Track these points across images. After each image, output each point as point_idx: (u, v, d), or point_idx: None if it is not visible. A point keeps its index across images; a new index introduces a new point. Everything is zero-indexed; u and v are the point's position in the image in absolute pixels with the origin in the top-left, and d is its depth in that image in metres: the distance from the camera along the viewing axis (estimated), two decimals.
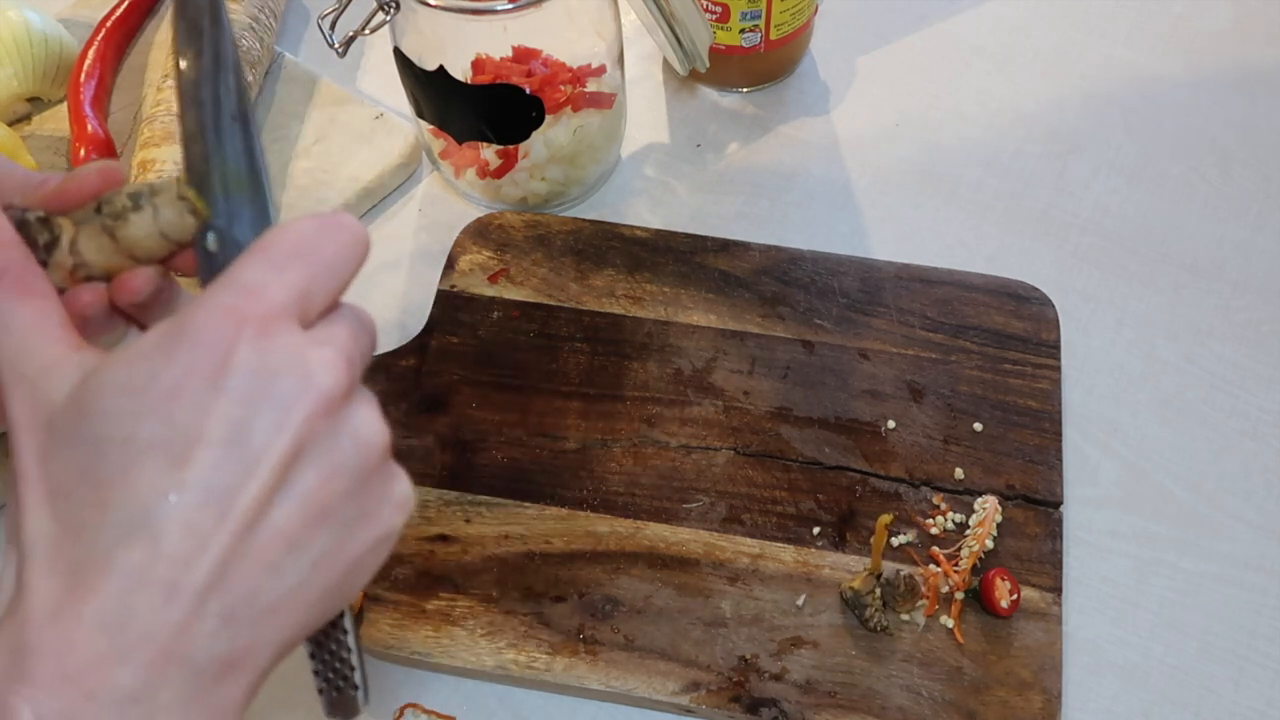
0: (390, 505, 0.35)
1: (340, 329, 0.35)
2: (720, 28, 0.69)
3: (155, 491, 0.31)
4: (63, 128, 0.70)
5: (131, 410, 0.31)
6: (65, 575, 0.31)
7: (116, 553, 0.30)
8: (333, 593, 0.34)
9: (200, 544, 0.31)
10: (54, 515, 0.32)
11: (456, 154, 0.68)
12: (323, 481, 0.33)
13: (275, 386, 0.32)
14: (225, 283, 0.33)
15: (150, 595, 0.30)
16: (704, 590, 0.55)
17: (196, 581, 0.31)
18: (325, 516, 0.33)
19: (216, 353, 0.32)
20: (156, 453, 0.31)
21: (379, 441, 0.34)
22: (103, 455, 0.31)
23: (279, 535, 0.32)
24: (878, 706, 0.52)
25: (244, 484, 0.31)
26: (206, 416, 0.31)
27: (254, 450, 0.31)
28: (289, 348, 0.32)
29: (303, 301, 0.34)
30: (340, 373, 0.33)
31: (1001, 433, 0.59)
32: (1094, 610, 0.56)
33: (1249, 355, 0.64)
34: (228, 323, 0.32)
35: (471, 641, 0.54)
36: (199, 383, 0.31)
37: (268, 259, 0.33)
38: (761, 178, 0.71)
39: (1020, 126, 0.73)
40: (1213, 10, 0.78)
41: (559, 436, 0.59)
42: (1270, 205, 0.70)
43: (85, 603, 0.30)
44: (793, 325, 0.63)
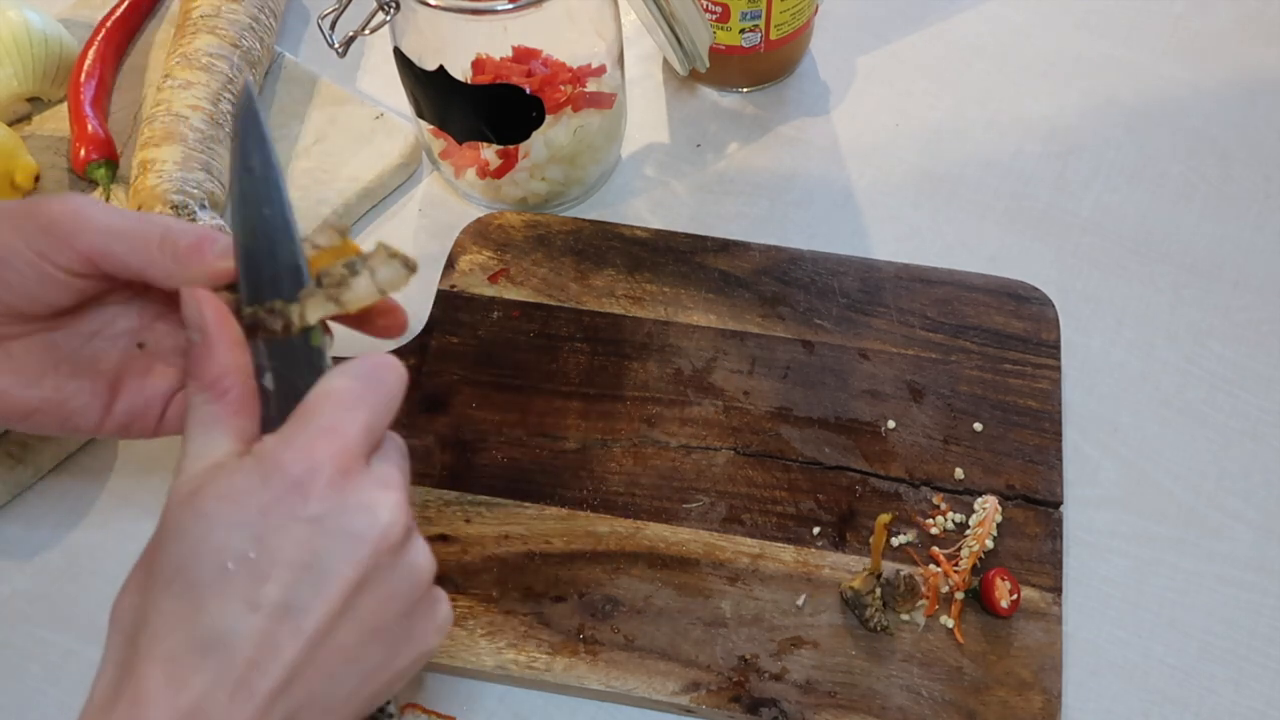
0: (434, 627, 0.40)
1: (393, 466, 0.39)
2: (720, 28, 0.69)
3: (241, 604, 0.35)
4: (63, 128, 0.70)
5: (228, 520, 0.36)
6: (164, 665, 0.35)
7: (205, 654, 0.35)
8: (375, 696, 0.39)
9: (274, 654, 0.35)
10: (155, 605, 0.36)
11: (456, 154, 0.68)
12: (380, 606, 0.37)
13: (350, 523, 0.37)
14: (307, 422, 0.38)
15: (228, 694, 0.35)
16: (704, 590, 0.55)
17: (267, 686, 0.35)
18: (378, 635, 0.38)
19: (304, 486, 0.36)
20: (244, 567, 0.35)
21: (429, 571, 0.40)
22: (198, 557, 0.36)
23: (340, 651, 0.37)
24: (878, 706, 0.52)
25: (315, 605, 0.36)
26: (289, 542, 0.36)
27: (327, 576, 0.36)
28: (360, 488, 0.37)
29: (370, 440, 0.38)
30: (402, 514, 0.38)
31: (1001, 433, 0.59)
32: (1094, 610, 0.56)
33: (1249, 355, 0.64)
34: (313, 460, 0.37)
35: (471, 641, 0.54)
36: (287, 511, 0.36)
37: (340, 402, 0.38)
38: (761, 178, 0.71)
39: (1020, 126, 0.73)
40: (1213, 10, 0.78)
41: (559, 436, 0.59)
42: (1270, 205, 0.70)
43: (177, 694, 0.34)
44: (793, 325, 0.63)
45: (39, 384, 0.45)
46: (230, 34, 0.69)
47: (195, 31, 0.69)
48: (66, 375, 0.45)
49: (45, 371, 0.45)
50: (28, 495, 0.60)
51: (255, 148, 0.41)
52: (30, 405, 0.45)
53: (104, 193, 0.67)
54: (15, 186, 0.66)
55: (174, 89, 0.67)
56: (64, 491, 0.60)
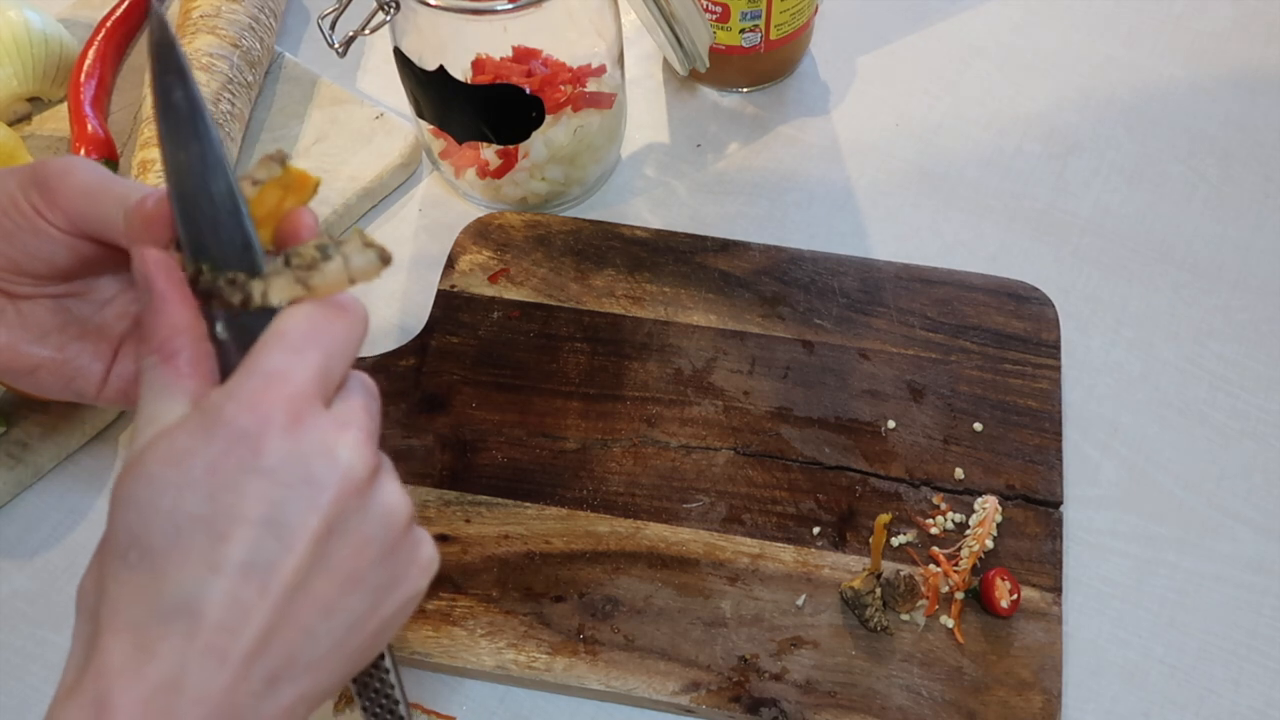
0: (416, 568, 0.38)
1: (355, 405, 0.37)
2: (720, 28, 0.69)
3: (201, 567, 0.34)
4: (63, 128, 0.70)
5: (176, 482, 0.34)
6: (129, 635, 0.34)
7: (172, 621, 0.33)
8: (365, 648, 0.37)
9: (244, 615, 0.34)
10: (113, 576, 0.34)
11: (456, 154, 0.68)
12: (353, 553, 0.36)
13: (307, 469, 0.35)
14: (251, 370, 0.36)
15: (202, 660, 0.33)
16: (704, 590, 0.55)
17: (242, 648, 0.34)
18: (356, 584, 0.36)
19: (250, 437, 0.34)
20: (199, 529, 0.34)
21: (403, 511, 0.37)
22: (150, 524, 0.34)
23: (315, 604, 0.35)
24: (878, 706, 0.52)
25: (282, 560, 0.34)
26: (244, 497, 0.34)
27: (290, 529, 0.34)
28: (317, 431, 0.35)
29: (324, 382, 0.36)
30: (366, 452, 0.36)
31: (1001, 433, 0.59)
32: (1094, 610, 0.56)
33: (1249, 355, 0.64)
34: (258, 408, 0.35)
35: (471, 641, 0.54)
36: (235, 464, 0.34)
37: (285, 345, 0.36)
38: (761, 178, 0.71)
39: (1020, 126, 0.73)
40: (1213, 10, 0.78)
41: (559, 436, 0.59)
42: (1270, 205, 0.70)
43: (147, 664, 0.33)
44: (793, 325, 0.63)
45: (44, 341, 0.45)
46: (230, 34, 0.69)
47: (195, 31, 0.69)
48: (72, 336, 0.46)
49: (51, 330, 0.46)
50: (28, 495, 0.60)
51: (175, 82, 0.38)
52: (34, 361, 0.46)
53: None
54: None
55: None
56: (64, 491, 0.60)
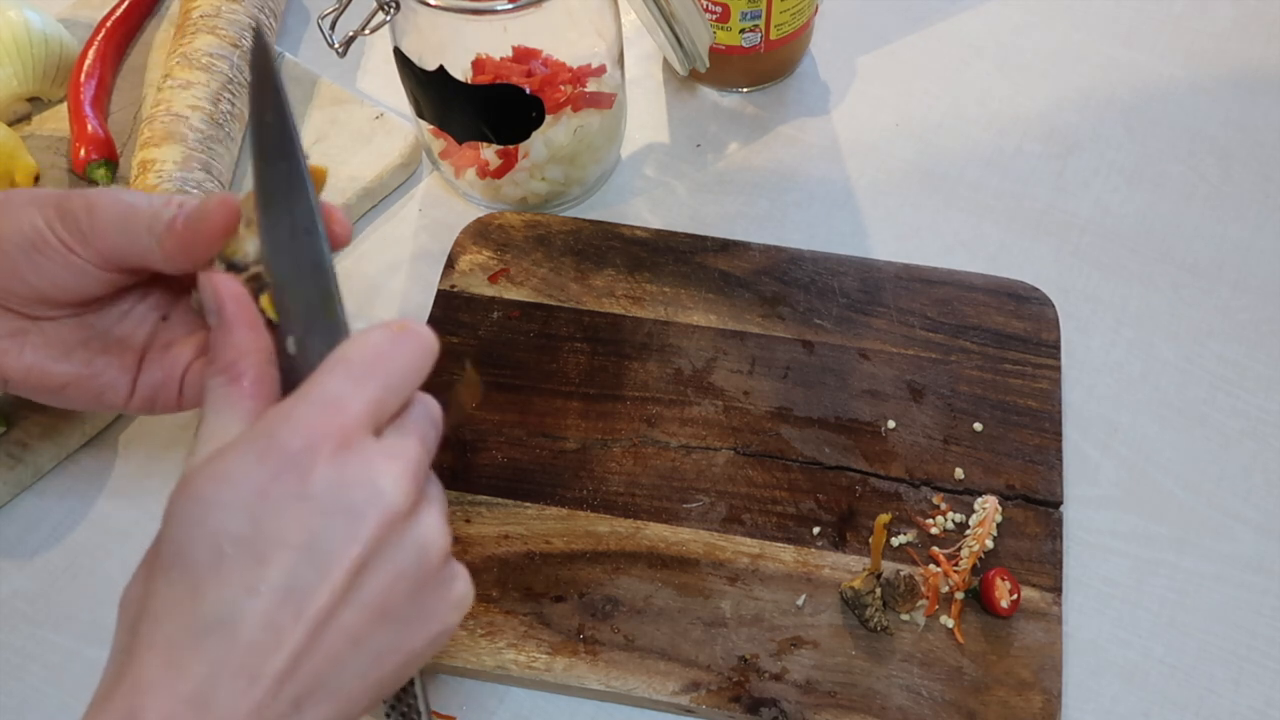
0: (448, 605, 0.38)
1: (410, 435, 0.38)
2: (720, 28, 0.69)
3: (240, 588, 0.34)
4: (63, 128, 0.70)
5: (223, 502, 0.35)
6: (163, 652, 0.34)
7: (205, 640, 0.34)
8: (391, 679, 0.37)
9: (277, 638, 0.34)
10: (154, 592, 0.35)
11: (456, 154, 0.68)
12: (387, 586, 0.36)
13: (349, 499, 0.35)
14: (309, 395, 0.36)
15: (231, 680, 0.34)
16: (704, 590, 0.55)
17: (272, 671, 0.34)
18: (386, 617, 0.36)
19: (301, 463, 0.35)
20: (242, 551, 0.34)
21: (440, 547, 0.38)
22: (194, 542, 0.35)
23: (346, 634, 0.35)
24: (878, 706, 0.52)
25: (318, 587, 0.35)
26: (288, 522, 0.35)
27: (328, 557, 0.35)
28: (363, 462, 0.36)
29: (378, 412, 0.37)
30: (408, 487, 0.36)
31: (1001, 433, 0.59)
32: (1094, 610, 0.56)
33: (1249, 355, 0.64)
34: (311, 435, 0.35)
35: (471, 641, 0.54)
36: (283, 490, 0.35)
37: (347, 372, 0.37)
38: (761, 178, 0.71)
39: (1020, 126, 0.73)
40: (1213, 10, 0.78)
41: (559, 436, 0.59)
42: (1270, 205, 0.70)
43: (178, 680, 0.34)
44: (793, 325, 0.63)
45: (70, 358, 0.46)
46: (230, 34, 0.69)
47: (195, 31, 0.69)
48: (97, 351, 0.46)
49: (76, 347, 0.46)
50: (28, 495, 0.60)
51: (270, 100, 0.40)
52: (63, 379, 0.46)
53: None
54: (15, 186, 0.66)
55: (174, 89, 0.67)
56: (64, 491, 0.60)
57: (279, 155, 0.40)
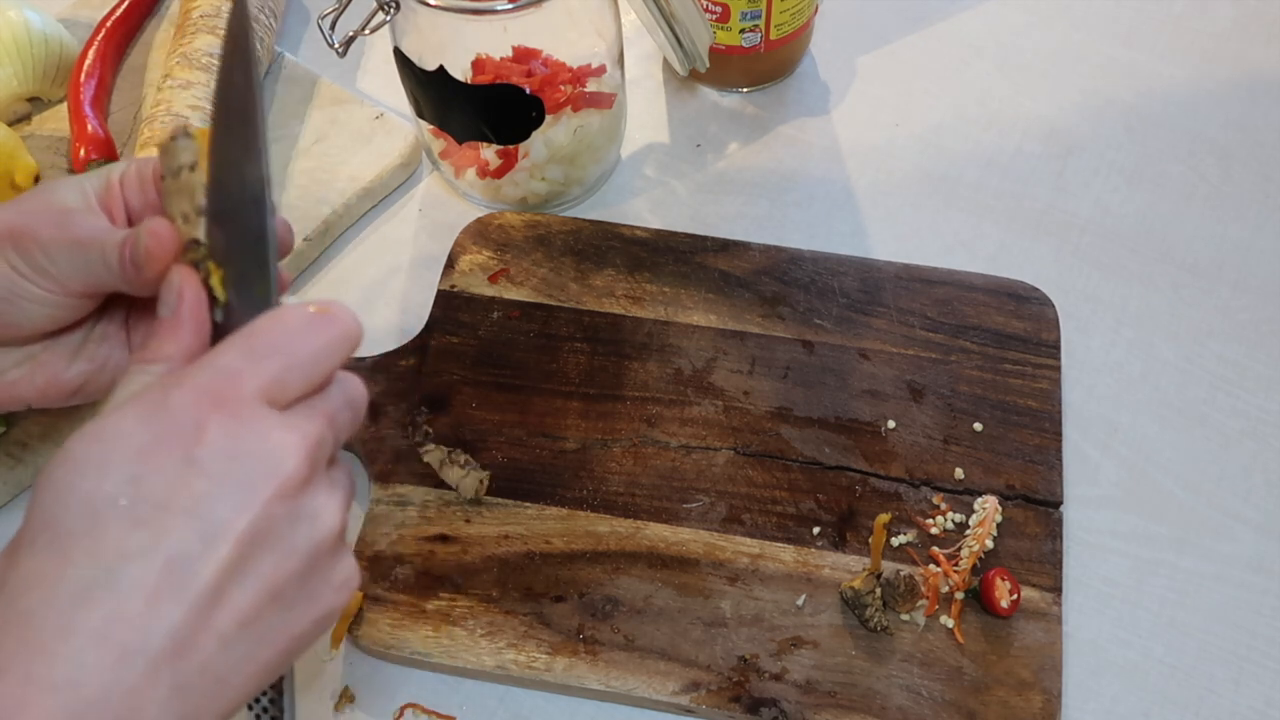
0: (332, 588, 0.36)
1: (315, 414, 0.36)
2: (720, 28, 0.69)
3: (115, 553, 0.31)
4: (63, 128, 0.70)
5: (99, 461, 0.32)
6: (19, 630, 0.30)
7: (75, 613, 0.30)
8: (273, 665, 0.35)
9: (159, 611, 0.31)
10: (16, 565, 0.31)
11: (456, 154, 0.68)
12: (277, 564, 0.34)
13: (241, 467, 0.33)
14: (204, 364, 0.35)
15: (105, 659, 0.30)
16: (704, 590, 0.55)
17: (153, 648, 0.31)
18: (277, 597, 0.34)
19: (187, 426, 0.33)
20: (120, 513, 0.31)
21: (334, 528, 0.36)
22: (65, 506, 0.32)
23: (235, 613, 0.33)
24: (878, 706, 0.52)
25: (205, 556, 0.32)
26: (173, 485, 0.32)
27: (216, 524, 0.32)
28: (256, 433, 0.34)
29: (275, 389, 0.35)
30: (301, 459, 0.34)
31: (1001, 433, 0.59)
32: (1094, 610, 0.56)
33: (1249, 355, 0.64)
34: (203, 401, 0.33)
35: (471, 641, 0.54)
36: (168, 451, 0.32)
37: (249, 348, 0.35)
38: (761, 178, 0.71)
39: (1020, 126, 0.73)
40: (1213, 10, 0.78)
41: (559, 436, 0.59)
42: (1270, 205, 0.70)
43: (38, 662, 0.30)
44: (793, 325, 0.63)
45: (77, 361, 0.46)
46: None
47: (195, 31, 0.69)
48: (98, 342, 0.47)
49: (80, 348, 0.46)
50: (28, 495, 0.60)
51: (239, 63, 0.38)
52: (76, 382, 0.46)
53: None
54: (15, 186, 0.66)
55: (174, 89, 0.67)
56: None
57: (241, 120, 0.38)
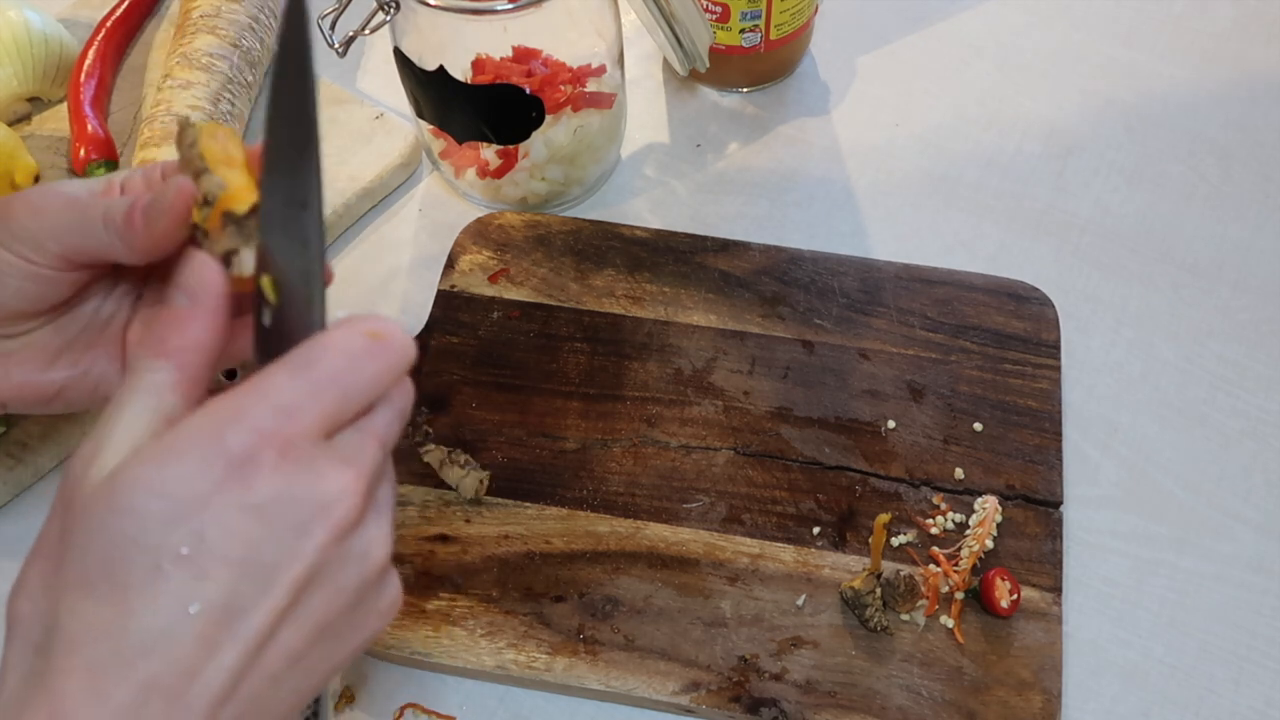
0: (378, 614, 0.37)
1: (368, 438, 0.36)
2: (720, 28, 0.69)
3: (176, 606, 0.32)
4: (63, 128, 0.70)
5: (162, 515, 0.32)
6: (85, 677, 0.31)
7: (135, 663, 0.31)
8: (315, 690, 0.36)
9: (214, 659, 0.32)
10: (72, 609, 0.32)
11: (456, 154, 0.68)
12: (328, 602, 0.34)
13: (295, 513, 0.33)
14: (263, 396, 0.34)
15: (166, 706, 0.31)
16: (704, 590, 0.55)
17: (210, 693, 0.32)
18: (325, 633, 0.35)
19: (246, 471, 0.33)
20: (181, 566, 0.32)
21: (381, 559, 0.36)
22: (129, 558, 0.32)
23: (285, 652, 0.33)
24: (878, 706, 0.52)
25: (258, 604, 0.32)
26: (230, 535, 0.32)
27: (270, 573, 0.33)
28: (311, 473, 0.34)
29: (333, 423, 0.35)
30: (358, 500, 0.34)
31: (1001, 433, 0.59)
32: (1094, 610, 0.56)
33: (1249, 355, 0.64)
34: (260, 443, 0.33)
35: (471, 641, 0.54)
36: (228, 500, 0.32)
37: (309, 380, 0.34)
38: (761, 178, 0.71)
39: (1020, 126, 0.73)
40: (1213, 10, 0.78)
41: (559, 436, 0.59)
42: (1270, 205, 0.70)
43: (106, 708, 0.31)
44: (793, 325, 0.63)
45: (57, 365, 0.45)
46: (230, 34, 0.69)
47: (195, 31, 0.69)
48: (81, 349, 0.45)
49: (61, 352, 0.45)
50: (28, 495, 0.60)
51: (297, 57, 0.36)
52: (55, 387, 0.45)
53: None
54: (15, 186, 0.66)
55: (174, 89, 0.67)
56: None
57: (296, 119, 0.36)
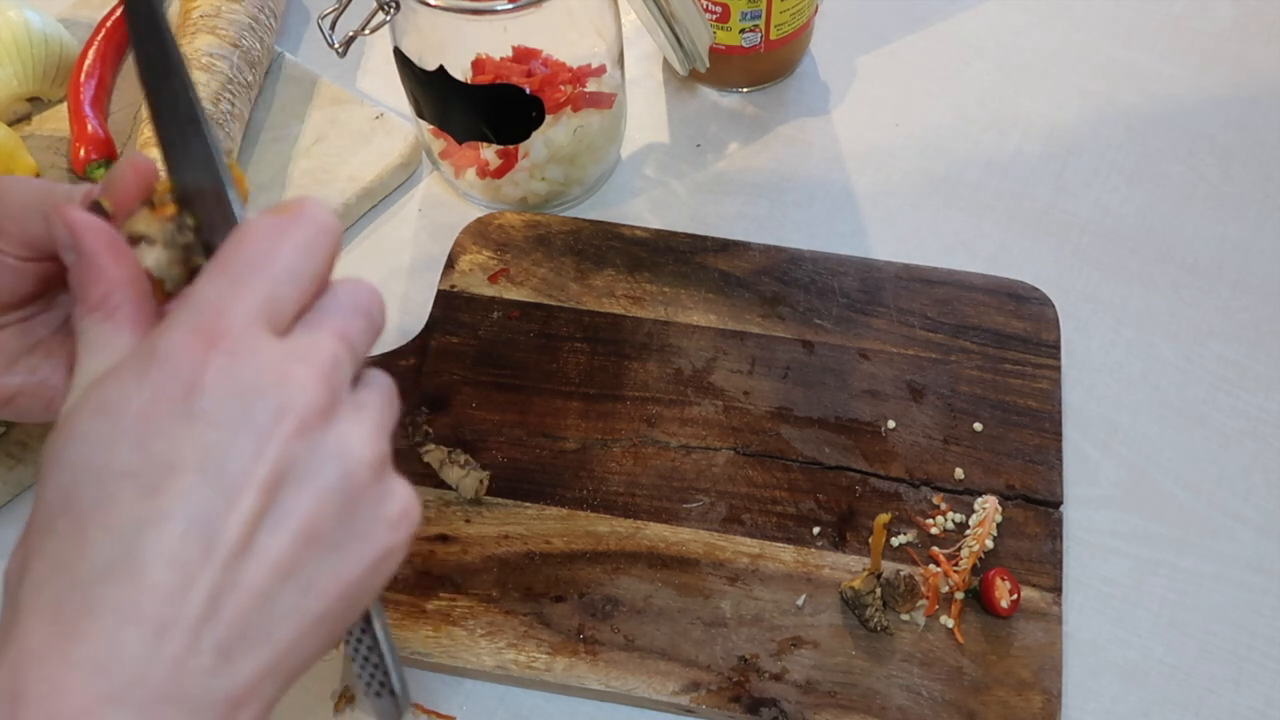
0: (385, 524, 0.33)
1: (320, 329, 0.33)
2: (720, 28, 0.69)
3: (133, 523, 0.30)
4: (63, 128, 0.70)
5: (105, 434, 0.31)
6: (50, 614, 0.29)
7: (99, 590, 0.29)
8: (332, 616, 0.33)
9: (187, 576, 0.30)
10: (38, 550, 0.31)
11: (456, 154, 0.68)
12: (309, 505, 0.31)
13: (249, 409, 0.31)
14: (186, 303, 0.32)
15: (139, 633, 0.29)
16: (704, 590, 0.55)
17: (187, 616, 0.29)
18: (315, 540, 0.32)
19: (184, 375, 0.31)
20: (131, 481, 0.30)
21: (368, 457, 0.33)
22: (79, 484, 0.30)
23: (268, 563, 0.31)
24: (878, 706, 0.52)
25: (227, 512, 0.30)
26: (179, 442, 0.30)
27: (233, 476, 0.30)
28: (261, 366, 0.31)
29: (270, 310, 0.33)
30: (316, 389, 0.32)
31: (1001, 433, 0.59)
32: (1094, 610, 0.56)
33: (1249, 355, 0.64)
34: (194, 343, 0.31)
35: (471, 641, 0.54)
36: (169, 407, 0.31)
37: (224, 272, 0.33)
38: (761, 178, 0.71)
39: (1020, 126, 0.73)
40: (1213, 10, 0.78)
41: (559, 436, 0.59)
42: (1270, 205, 0.70)
43: (72, 644, 0.29)
44: (793, 325, 0.63)
45: (15, 368, 0.44)
46: (230, 34, 0.69)
47: (195, 31, 0.69)
48: (42, 356, 0.45)
49: (20, 355, 0.44)
50: (27, 495, 0.60)
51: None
52: (10, 390, 0.44)
53: None
54: None
55: None
56: None
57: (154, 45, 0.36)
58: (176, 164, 0.37)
